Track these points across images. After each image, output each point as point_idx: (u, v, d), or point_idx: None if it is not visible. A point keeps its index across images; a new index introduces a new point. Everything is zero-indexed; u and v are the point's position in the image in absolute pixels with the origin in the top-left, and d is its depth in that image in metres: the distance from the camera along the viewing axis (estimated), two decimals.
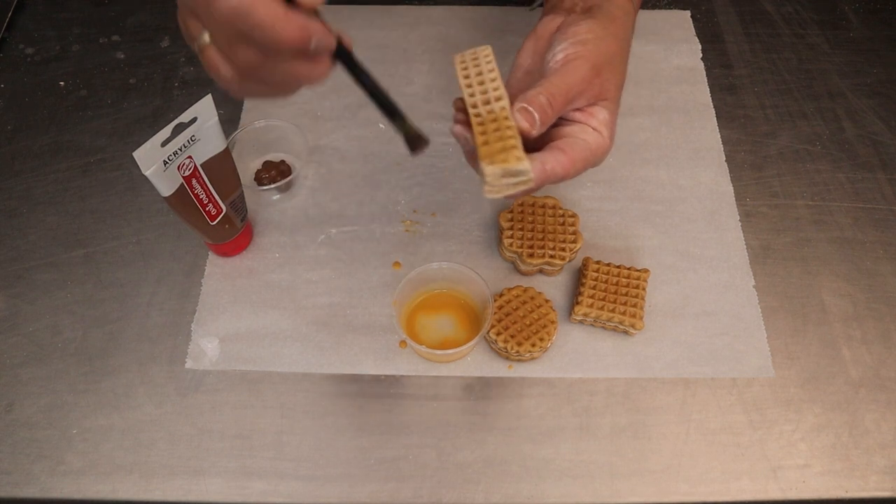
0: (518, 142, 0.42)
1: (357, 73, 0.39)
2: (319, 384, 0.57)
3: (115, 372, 0.58)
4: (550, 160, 0.44)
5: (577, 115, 0.46)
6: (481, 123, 0.44)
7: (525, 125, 0.43)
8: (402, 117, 0.42)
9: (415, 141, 0.43)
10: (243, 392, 0.57)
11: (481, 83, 0.45)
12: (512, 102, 0.44)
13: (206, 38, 0.36)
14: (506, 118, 0.43)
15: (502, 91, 0.45)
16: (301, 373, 0.58)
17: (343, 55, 0.38)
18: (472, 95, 0.45)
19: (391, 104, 0.41)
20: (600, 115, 0.46)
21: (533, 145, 0.45)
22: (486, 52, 0.47)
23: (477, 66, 0.46)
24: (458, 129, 0.46)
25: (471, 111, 0.45)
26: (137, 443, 0.54)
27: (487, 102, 0.44)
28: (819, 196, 0.68)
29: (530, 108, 0.44)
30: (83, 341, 0.59)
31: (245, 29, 0.33)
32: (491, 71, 0.46)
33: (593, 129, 0.46)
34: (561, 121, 0.47)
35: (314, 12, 0.35)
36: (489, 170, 0.42)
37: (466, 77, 0.46)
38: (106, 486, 0.53)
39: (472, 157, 0.47)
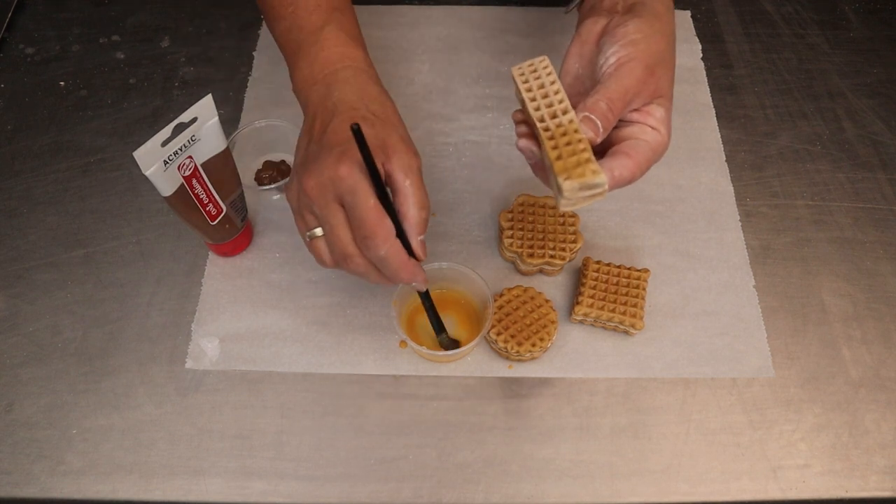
0: (591, 154, 0.42)
1: (426, 304, 0.53)
2: (319, 384, 0.57)
3: (115, 372, 0.58)
4: (618, 167, 0.45)
5: (635, 116, 0.47)
6: (552, 138, 0.43)
7: (590, 134, 0.44)
8: (444, 331, 0.56)
9: (448, 345, 0.56)
10: (243, 392, 0.57)
11: (545, 96, 0.45)
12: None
13: (318, 232, 0.47)
14: (575, 131, 0.43)
15: (568, 103, 0.44)
16: (301, 373, 0.58)
17: (423, 294, 0.52)
18: (537, 109, 0.45)
19: (440, 323, 0.55)
20: (657, 112, 0.47)
21: (594, 150, 0.45)
22: (544, 64, 0.46)
23: (537, 77, 0.46)
24: (524, 143, 0.46)
25: (538, 125, 0.44)
26: (137, 443, 0.54)
27: (554, 116, 0.44)
28: (819, 196, 0.68)
29: (592, 117, 0.44)
30: (83, 341, 0.59)
31: (378, 262, 0.45)
32: (553, 83, 0.45)
33: (652, 127, 0.46)
34: (619, 122, 0.47)
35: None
36: (567, 185, 0.42)
37: (529, 91, 0.45)
38: (106, 486, 0.53)
39: (540, 169, 0.47)
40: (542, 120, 0.44)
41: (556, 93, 0.45)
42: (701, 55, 0.78)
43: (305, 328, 0.60)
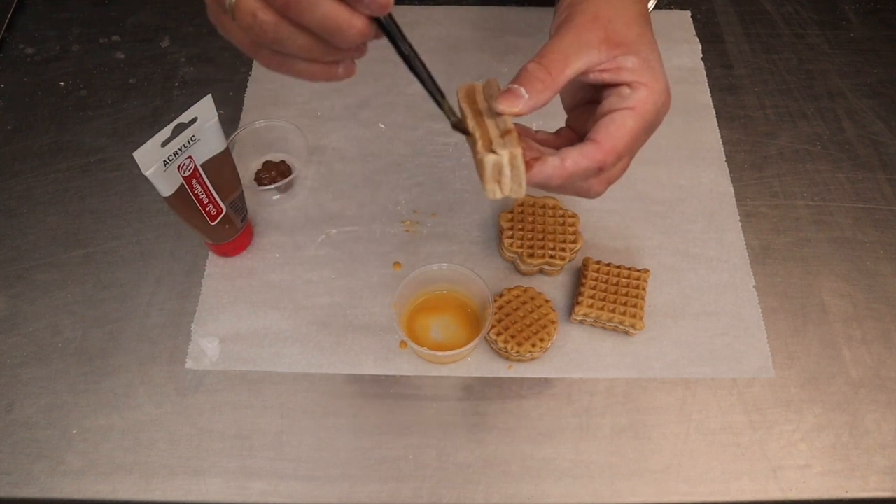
0: (493, 135, 0.39)
1: (399, 46, 0.37)
2: (319, 384, 0.57)
3: (115, 372, 0.58)
4: (573, 154, 0.39)
5: (606, 76, 0.40)
6: (475, 129, 0.40)
7: (512, 108, 0.39)
8: (442, 95, 0.40)
9: (455, 121, 0.42)
10: (243, 392, 0.57)
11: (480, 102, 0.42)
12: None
13: None
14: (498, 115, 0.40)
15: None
16: (301, 373, 0.58)
17: (387, 25, 0.36)
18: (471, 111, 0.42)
19: (431, 78, 0.39)
20: (627, 63, 0.40)
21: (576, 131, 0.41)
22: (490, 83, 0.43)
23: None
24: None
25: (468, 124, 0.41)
26: (137, 443, 0.54)
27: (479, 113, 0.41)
28: (819, 196, 0.68)
29: (514, 87, 0.39)
30: (83, 341, 0.59)
31: None
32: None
33: (628, 85, 0.40)
34: (598, 95, 0.42)
35: None
36: (484, 178, 0.39)
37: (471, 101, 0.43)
38: (106, 486, 0.53)
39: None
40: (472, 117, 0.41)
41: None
42: (701, 55, 0.78)
43: (305, 328, 0.60)
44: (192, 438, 0.55)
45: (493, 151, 0.38)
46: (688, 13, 0.82)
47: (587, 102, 0.44)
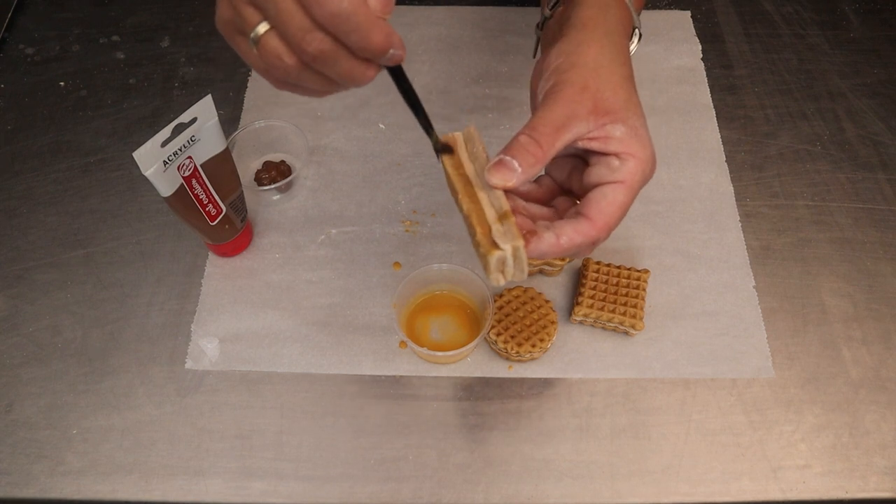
0: (493, 225, 0.39)
1: (403, 85, 0.41)
2: (319, 384, 0.57)
3: (115, 372, 0.58)
4: (568, 230, 0.40)
5: (595, 145, 0.41)
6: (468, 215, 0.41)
7: (496, 181, 0.39)
8: (433, 129, 0.43)
9: (441, 150, 0.44)
10: (243, 392, 0.57)
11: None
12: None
13: (264, 27, 0.36)
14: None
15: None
16: (301, 373, 0.58)
17: (395, 69, 0.40)
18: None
19: (426, 116, 0.42)
20: (615, 132, 0.40)
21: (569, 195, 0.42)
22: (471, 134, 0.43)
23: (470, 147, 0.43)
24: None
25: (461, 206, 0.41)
26: (137, 443, 0.54)
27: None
28: (819, 196, 0.68)
29: (507, 158, 0.39)
30: (83, 341, 0.59)
31: (342, 30, 0.34)
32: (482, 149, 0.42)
33: (616, 155, 0.41)
34: (586, 163, 0.43)
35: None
36: (490, 273, 0.40)
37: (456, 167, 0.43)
38: (106, 486, 0.53)
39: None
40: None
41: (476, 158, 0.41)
42: (701, 55, 0.78)
43: (305, 328, 0.60)
44: (192, 439, 0.55)
45: (495, 243, 0.39)
46: (688, 13, 0.82)
47: (569, 155, 0.45)
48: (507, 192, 0.41)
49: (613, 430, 0.55)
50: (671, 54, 0.78)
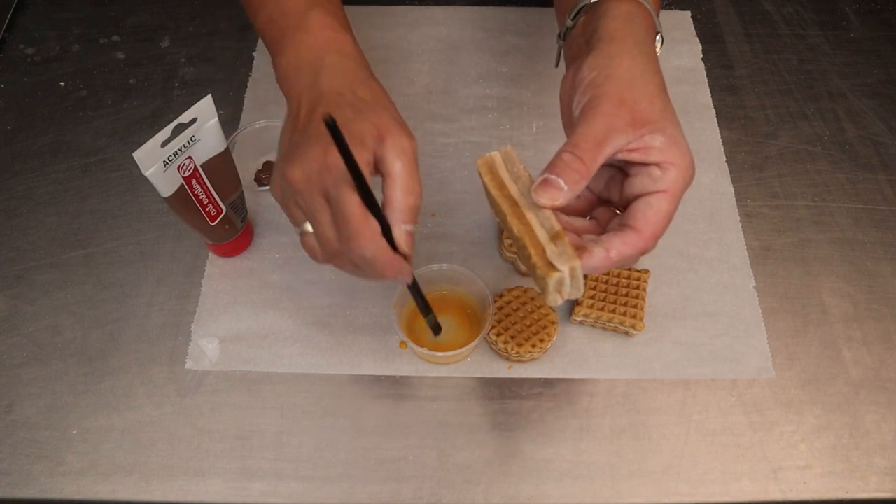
0: (548, 247, 0.40)
1: (415, 295, 0.50)
2: (319, 385, 0.57)
3: (115, 372, 0.58)
4: (617, 243, 0.40)
5: (635, 156, 0.41)
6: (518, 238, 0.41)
7: (545, 201, 0.40)
8: (431, 312, 0.53)
9: (436, 328, 0.55)
10: (243, 393, 0.57)
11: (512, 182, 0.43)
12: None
13: (308, 228, 0.43)
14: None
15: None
16: (301, 373, 0.58)
17: (411, 285, 0.48)
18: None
19: (427, 305, 0.51)
20: (655, 142, 0.41)
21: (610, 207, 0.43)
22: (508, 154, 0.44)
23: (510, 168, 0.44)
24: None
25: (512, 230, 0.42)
26: (137, 443, 0.54)
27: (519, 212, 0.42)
28: (819, 197, 0.68)
29: (552, 177, 0.40)
30: (83, 341, 0.59)
31: (364, 265, 0.41)
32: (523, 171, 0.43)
33: (658, 165, 0.41)
34: (625, 174, 0.43)
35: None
36: (549, 295, 0.41)
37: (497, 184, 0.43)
38: (106, 486, 0.53)
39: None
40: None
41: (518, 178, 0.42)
42: (701, 56, 0.78)
43: (305, 329, 0.60)
44: (192, 439, 0.55)
45: (551, 265, 0.39)
46: (688, 13, 0.82)
47: (606, 165, 0.45)
48: (557, 216, 0.42)
49: (613, 431, 0.55)
50: (671, 54, 0.78)
